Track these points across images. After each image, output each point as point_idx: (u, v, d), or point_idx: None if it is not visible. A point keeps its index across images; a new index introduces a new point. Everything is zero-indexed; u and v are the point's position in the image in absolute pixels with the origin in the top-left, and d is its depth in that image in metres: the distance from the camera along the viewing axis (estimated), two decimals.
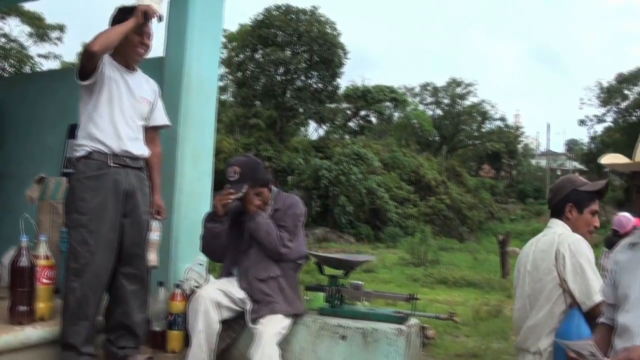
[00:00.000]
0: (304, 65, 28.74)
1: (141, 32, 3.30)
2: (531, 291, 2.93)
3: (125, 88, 3.30)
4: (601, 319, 2.36)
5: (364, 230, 24.89)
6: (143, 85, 3.45)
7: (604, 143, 38.28)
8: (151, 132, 3.53)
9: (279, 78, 29.23)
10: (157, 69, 4.11)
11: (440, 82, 53.67)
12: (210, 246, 3.65)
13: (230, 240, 3.63)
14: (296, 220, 3.61)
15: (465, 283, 14.49)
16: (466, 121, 43.81)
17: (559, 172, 53.65)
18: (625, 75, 44.12)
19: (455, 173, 34.88)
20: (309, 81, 29.55)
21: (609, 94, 43.45)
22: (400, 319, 3.39)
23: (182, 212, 4.18)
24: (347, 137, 33.30)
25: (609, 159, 2.26)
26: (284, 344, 3.42)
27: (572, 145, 53.67)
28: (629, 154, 2.16)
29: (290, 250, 3.54)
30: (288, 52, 28.72)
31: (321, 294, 3.70)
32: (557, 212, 3.05)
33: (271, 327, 3.32)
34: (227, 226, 3.59)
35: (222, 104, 36.62)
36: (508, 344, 8.52)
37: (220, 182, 3.86)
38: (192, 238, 3.95)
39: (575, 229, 2.97)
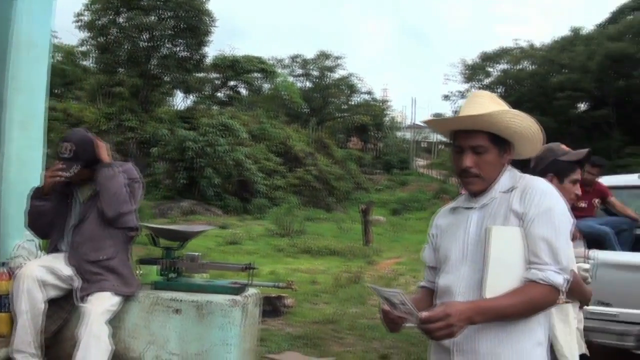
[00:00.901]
0: (169, 32, 27.71)
1: None
2: None
3: None
4: (421, 283, 2.44)
5: (232, 202, 24.67)
6: None
7: None
8: None
9: (143, 44, 28.05)
10: None
11: (310, 54, 53.98)
12: (36, 223, 3.44)
13: (57, 216, 3.43)
14: (134, 184, 3.46)
15: (328, 252, 14.77)
16: (335, 94, 44.38)
17: (423, 145, 55.91)
18: (489, 54, 46.40)
19: (323, 145, 35.32)
20: (175, 49, 28.56)
21: (473, 71, 45.58)
22: (237, 290, 3.36)
23: (11, 183, 3.90)
24: (215, 107, 32.71)
25: (429, 119, 2.32)
26: (116, 321, 3.29)
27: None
28: None
29: (131, 212, 3.39)
30: (153, 17, 27.52)
31: (155, 267, 3.58)
32: None
33: (99, 305, 3.18)
34: (55, 202, 3.38)
35: (84, 71, 34.78)
36: (365, 308, 8.79)
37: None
38: (22, 211, 3.68)
39: None
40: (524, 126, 2.14)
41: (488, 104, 2.15)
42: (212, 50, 55.03)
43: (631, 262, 5.23)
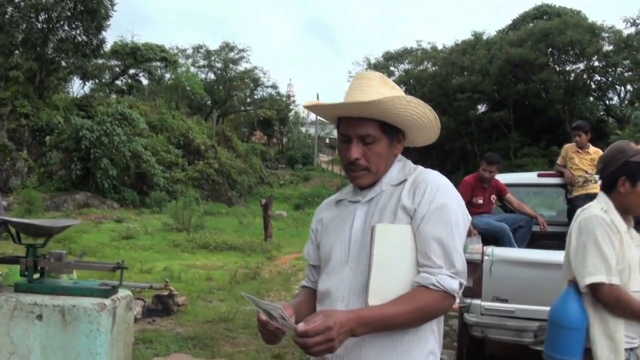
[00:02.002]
0: (67, 13, 26.29)
1: None
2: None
3: None
4: (304, 282, 2.18)
5: (129, 195, 23.77)
6: None
7: None
8: None
9: (40, 26, 26.45)
10: None
11: (214, 45, 53.09)
12: None
13: None
14: None
15: (227, 247, 14.41)
16: (239, 87, 43.86)
17: (327, 140, 56.28)
18: (392, 54, 47.42)
19: (226, 138, 34.77)
20: (73, 32, 27.13)
21: (376, 70, 46.32)
22: (106, 292, 2.99)
23: None
24: (114, 96, 31.42)
25: (312, 103, 2.04)
26: None
27: None
28: None
29: None
30: None
31: (18, 267, 3.16)
32: (609, 186, 2.77)
33: None
34: None
35: None
36: None
37: None
38: None
39: (628, 204, 2.72)
40: (419, 114, 1.90)
41: (378, 88, 1.88)
42: (112, 36, 53.10)
43: (527, 258, 5.23)
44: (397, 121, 1.90)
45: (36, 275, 3.12)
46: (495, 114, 38.53)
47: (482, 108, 42.19)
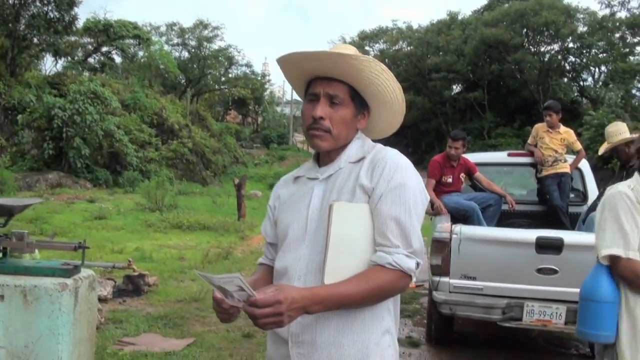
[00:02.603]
0: None
1: None
2: None
3: None
4: (261, 259, 2.16)
5: (102, 175, 23.51)
6: None
7: None
8: None
9: (11, 1, 25.89)
10: None
11: (188, 23, 52.48)
12: None
13: None
14: None
15: (200, 227, 14.31)
16: (213, 65, 43.46)
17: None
18: (367, 33, 47.34)
19: (200, 117, 34.51)
20: (45, 8, 26.59)
21: None
22: (68, 272, 2.96)
23: None
24: (86, 74, 30.94)
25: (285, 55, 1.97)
26: None
27: None
28: None
29: None
30: None
31: None
32: None
33: None
34: None
35: None
36: None
37: None
38: None
39: None
40: (389, 88, 1.89)
41: (356, 52, 1.88)
42: (84, 13, 52.21)
43: (494, 236, 5.30)
44: (367, 90, 1.89)
45: None
46: (469, 94, 38.76)
47: (456, 88, 42.40)
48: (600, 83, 37.16)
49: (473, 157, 6.91)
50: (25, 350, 2.84)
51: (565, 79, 38.88)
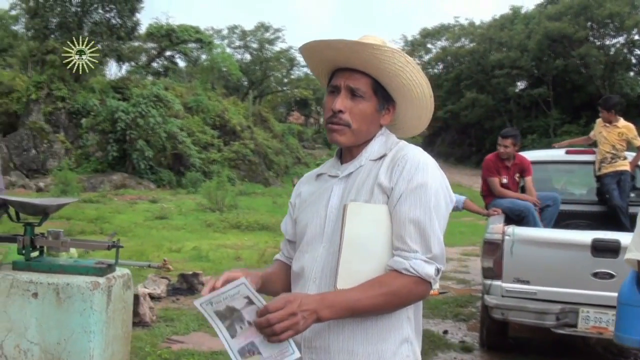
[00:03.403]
0: None
1: None
2: None
3: None
4: (277, 256, 2.08)
5: (165, 176, 24.04)
6: None
7: None
8: None
9: (74, 9, 26.81)
10: None
11: (249, 26, 53.10)
12: None
13: None
14: None
15: (258, 227, 14.39)
16: (275, 67, 43.83)
17: None
18: (429, 30, 46.81)
19: (262, 118, 34.78)
20: (107, 15, 27.44)
21: (413, 47, 45.87)
22: (102, 271, 2.96)
23: None
24: (150, 78, 31.72)
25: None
26: None
27: None
28: None
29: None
30: None
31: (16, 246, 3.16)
32: None
33: None
34: None
35: (14, 37, 33.21)
36: None
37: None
38: None
39: None
40: (415, 81, 1.77)
41: (378, 42, 1.77)
42: (147, 19, 53.48)
43: (549, 238, 5.06)
44: (391, 83, 1.78)
45: (35, 254, 3.12)
46: (534, 90, 37.79)
47: (521, 85, 41.41)
48: None
49: (530, 155, 6.65)
50: (58, 347, 2.85)
51: (632, 73, 37.45)
